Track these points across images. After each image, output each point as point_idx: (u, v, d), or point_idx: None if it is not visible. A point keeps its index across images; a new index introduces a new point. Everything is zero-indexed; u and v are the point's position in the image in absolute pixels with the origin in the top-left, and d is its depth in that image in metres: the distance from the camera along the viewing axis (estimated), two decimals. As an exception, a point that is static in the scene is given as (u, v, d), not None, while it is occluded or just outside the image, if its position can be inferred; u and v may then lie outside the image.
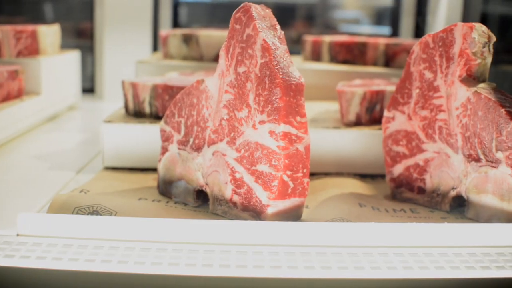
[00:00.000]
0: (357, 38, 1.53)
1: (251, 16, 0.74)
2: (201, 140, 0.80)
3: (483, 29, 0.80)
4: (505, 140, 0.75)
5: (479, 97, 0.78)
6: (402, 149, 0.89)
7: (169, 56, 1.50)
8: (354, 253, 0.65)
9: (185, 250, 0.64)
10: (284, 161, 0.70)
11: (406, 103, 0.88)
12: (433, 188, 0.86)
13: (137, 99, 1.05)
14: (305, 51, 1.56)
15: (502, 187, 0.77)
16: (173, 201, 0.85)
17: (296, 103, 0.71)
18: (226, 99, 0.76)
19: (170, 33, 1.49)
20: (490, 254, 0.65)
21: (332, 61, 1.49)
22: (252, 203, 0.74)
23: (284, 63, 0.72)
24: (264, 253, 0.64)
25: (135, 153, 1.00)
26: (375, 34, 2.19)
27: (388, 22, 2.18)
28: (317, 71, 1.40)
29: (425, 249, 0.66)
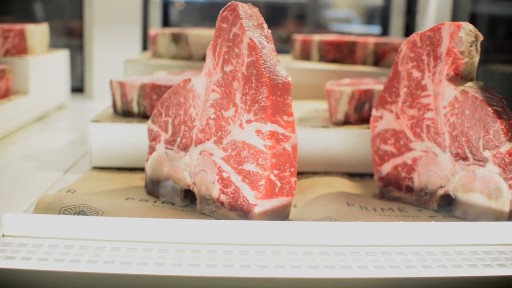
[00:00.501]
0: (346, 37, 1.53)
1: (237, 15, 0.73)
2: (188, 139, 0.80)
3: (470, 28, 0.80)
4: (492, 139, 0.75)
5: (467, 96, 0.78)
6: (390, 148, 0.89)
7: (158, 55, 1.49)
8: (341, 252, 0.64)
9: (172, 250, 0.63)
10: (271, 160, 0.70)
11: (394, 102, 0.88)
12: (421, 187, 0.86)
13: (125, 98, 1.04)
14: (294, 50, 1.56)
15: (489, 185, 0.77)
16: (161, 201, 0.84)
17: (283, 102, 0.71)
18: (213, 98, 0.76)
19: (159, 32, 1.49)
20: (477, 253, 0.65)
21: (322, 60, 1.49)
22: (240, 202, 0.74)
23: (271, 62, 0.72)
24: (251, 252, 0.63)
25: (123, 152, 1.00)
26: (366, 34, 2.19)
27: (378, 22, 2.18)
28: (306, 70, 1.40)
29: (413, 248, 0.66)
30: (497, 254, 0.65)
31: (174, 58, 1.48)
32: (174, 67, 1.41)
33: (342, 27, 2.31)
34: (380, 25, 2.14)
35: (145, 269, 0.59)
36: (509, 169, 0.74)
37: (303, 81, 1.38)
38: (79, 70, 1.94)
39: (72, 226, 0.66)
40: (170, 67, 1.41)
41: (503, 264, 0.62)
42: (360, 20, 2.36)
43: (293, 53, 1.57)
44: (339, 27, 2.30)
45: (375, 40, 1.48)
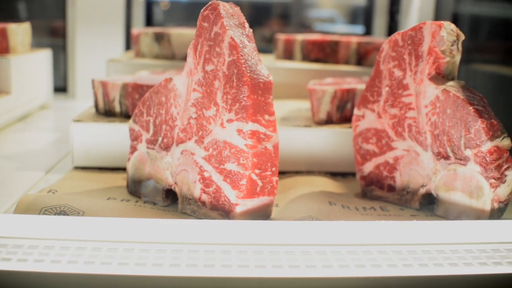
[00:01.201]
0: (329, 36, 1.53)
1: (218, 14, 0.73)
2: (169, 139, 0.80)
3: (452, 27, 0.81)
4: (473, 138, 0.75)
5: (448, 95, 0.78)
6: (372, 147, 0.89)
7: (141, 55, 1.49)
8: (322, 251, 0.64)
9: (153, 250, 0.63)
10: (252, 159, 0.70)
11: (376, 101, 0.88)
12: (403, 186, 0.86)
13: (107, 98, 1.04)
14: (277, 49, 1.56)
15: (470, 184, 0.77)
16: (142, 201, 0.84)
17: (264, 102, 0.71)
18: (194, 97, 0.76)
19: (141, 32, 1.48)
20: (459, 251, 0.65)
21: (305, 59, 1.49)
22: (221, 202, 0.73)
23: (252, 61, 0.72)
24: (232, 252, 0.63)
25: (105, 152, 0.99)
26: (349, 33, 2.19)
27: (362, 21, 2.19)
28: (289, 70, 1.40)
29: (394, 247, 0.66)
30: (478, 252, 0.65)
31: (156, 58, 1.47)
32: (157, 67, 1.40)
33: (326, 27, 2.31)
34: (363, 24, 2.15)
35: (125, 269, 0.58)
36: (490, 168, 0.74)
37: (286, 81, 1.38)
38: (62, 70, 1.93)
39: (52, 227, 0.66)
40: (153, 66, 1.41)
41: (485, 263, 0.63)
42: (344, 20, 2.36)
43: (276, 53, 1.57)
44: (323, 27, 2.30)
45: (358, 39, 1.48)
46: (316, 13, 2.37)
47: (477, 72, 1.56)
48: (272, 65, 1.42)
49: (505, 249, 0.66)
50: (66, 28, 1.88)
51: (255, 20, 2.24)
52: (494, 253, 0.65)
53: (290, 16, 2.33)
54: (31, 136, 1.28)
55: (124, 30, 1.87)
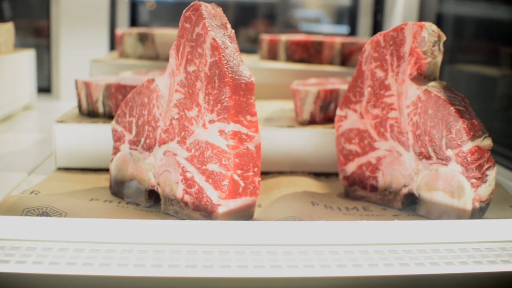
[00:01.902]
0: (313, 37, 1.53)
1: (200, 14, 0.73)
2: (152, 139, 0.80)
3: (433, 28, 0.81)
4: (454, 138, 0.76)
5: (429, 96, 0.78)
6: (355, 148, 0.90)
7: (125, 55, 1.48)
8: (304, 251, 0.64)
9: (135, 251, 0.63)
10: (234, 160, 0.70)
11: (358, 102, 0.88)
12: (385, 186, 0.87)
13: (91, 98, 1.04)
14: (261, 50, 1.56)
15: (452, 184, 0.77)
16: (125, 202, 0.84)
17: (246, 102, 0.71)
18: (176, 98, 0.76)
19: (125, 32, 1.48)
20: (440, 251, 0.66)
21: (289, 60, 1.49)
22: (203, 202, 0.73)
23: (234, 62, 0.72)
24: (214, 252, 0.63)
25: (88, 153, 0.99)
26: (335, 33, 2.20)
27: (347, 21, 2.19)
28: (273, 70, 1.40)
29: (375, 247, 0.66)
30: (460, 252, 0.66)
31: (140, 58, 1.47)
32: (141, 67, 1.40)
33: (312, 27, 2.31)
34: (348, 25, 2.15)
35: (107, 270, 0.58)
36: (471, 168, 0.75)
37: (270, 81, 1.38)
38: (46, 70, 1.92)
39: (34, 228, 0.66)
40: (137, 67, 1.40)
41: (465, 262, 0.63)
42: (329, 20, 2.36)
43: (260, 53, 1.57)
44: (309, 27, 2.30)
45: (342, 40, 1.49)
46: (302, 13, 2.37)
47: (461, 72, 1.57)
48: (256, 65, 1.42)
49: (486, 248, 0.67)
50: (50, 28, 1.87)
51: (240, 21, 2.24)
52: (475, 252, 0.66)
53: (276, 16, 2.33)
54: (14, 137, 1.27)
55: (108, 30, 1.86)
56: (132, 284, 0.59)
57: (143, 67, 1.40)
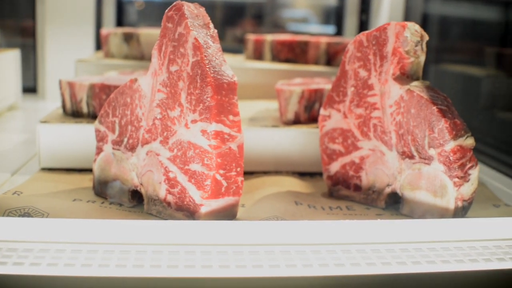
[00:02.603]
0: (298, 37, 1.53)
1: (183, 14, 0.73)
2: (135, 139, 0.80)
3: (416, 28, 0.81)
4: (437, 137, 0.76)
5: (412, 95, 0.79)
6: (338, 147, 0.90)
7: (110, 55, 1.48)
8: (287, 251, 0.64)
9: (117, 251, 0.63)
10: (216, 160, 0.70)
11: (342, 101, 0.88)
12: (369, 185, 0.87)
13: (75, 98, 1.03)
14: (247, 50, 1.56)
15: (435, 183, 0.78)
16: (108, 202, 0.84)
17: (228, 102, 0.71)
18: (159, 98, 0.76)
19: (110, 32, 1.47)
20: (422, 250, 0.66)
21: (274, 60, 1.49)
22: (186, 202, 0.73)
23: (217, 62, 0.72)
24: (196, 252, 0.63)
25: (72, 153, 0.99)
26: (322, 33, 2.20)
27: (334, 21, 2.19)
28: (258, 70, 1.40)
29: (358, 246, 0.66)
30: (442, 251, 0.66)
31: (126, 58, 1.47)
32: (126, 67, 1.40)
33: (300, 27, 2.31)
34: (335, 25, 2.15)
35: (89, 271, 0.58)
36: (454, 167, 0.75)
37: (255, 81, 1.38)
38: (32, 70, 1.91)
39: (15, 228, 0.65)
40: (122, 67, 1.40)
41: (447, 261, 0.63)
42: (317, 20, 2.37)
43: (246, 53, 1.57)
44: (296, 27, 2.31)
45: (328, 39, 1.49)
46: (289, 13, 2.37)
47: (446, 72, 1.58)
48: (241, 65, 1.42)
49: (468, 247, 0.67)
50: (35, 28, 1.86)
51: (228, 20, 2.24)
52: (457, 251, 0.66)
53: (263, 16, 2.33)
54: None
55: (94, 30, 1.86)
56: (113, 285, 0.58)
57: (128, 67, 1.40)
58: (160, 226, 0.66)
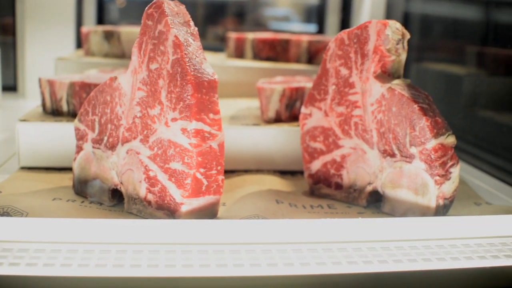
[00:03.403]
0: (280, 35, 1.53)
1: (163, 12, 0.73)
2: (115, 138, 0.79)
3: (397, 26, 0.81)
4: (418, 136, 0.76)
5: (393, 93, 0.79)
6: (320, 145, 0.90)
7: (91, 53, 1.47)
8: (268, 250, 0.64)
9: (97, 251, 0.62)
10: (197, 158, 0.70)
11: (323, 100, 0.88)
12: (350, 184, 0.87)
13: (54, 97, 1.02)
14: (229, 48, 1.55)
15: (416, 181, 0.78)
16: (88, 201, 0.83)
17: (209, 100, 0.70)
18: (139, 96, 0.75)
19: (91, 30, 1.46)
20: (403, 248, 0.66)
21: (255, 58, 1.49)
22: (166, 201, 0.73)
23: (197, 60, 0.71)
24: (177, 252, 0.63)
25: (52, 152, 0.98)
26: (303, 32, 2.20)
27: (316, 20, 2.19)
28: (240, 68, 1.39)
29: (339, 245, 0.66)
30: (423, 249, 0.66)
31: (106, 56, 1.46)
32: (107, 65, 1.39)
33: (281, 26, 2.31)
34: (317, 23, 2.16)
35: (69, 270, 0.58)
36: (435, 165, 0.75)
37: (236, 79, 1.37)
38: (12, 68, 1.89)
39: (-7, 228, 0.65)
40: (103, 65, 1.39)
41: (429, 259, 0.63)
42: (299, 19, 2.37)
43: (227, 51, 1.57)
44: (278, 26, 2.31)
45: (309, 38, 1.49)
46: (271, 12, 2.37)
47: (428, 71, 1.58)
48: (223, 63, 1.42)
49: (449, 245, 0.67)
50: (15, 25, 1.84)
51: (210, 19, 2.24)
52: (438, 249, 0.66)
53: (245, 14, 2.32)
54: (-23, 136, 1.26)
55: (75, 28, 1.84)
56: (93, 285, 0.58)
57: (109, 65, 1.39)
58: (140, 225, 0.66)
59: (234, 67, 1.40)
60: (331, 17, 2.04)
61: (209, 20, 2.23)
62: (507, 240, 0.70)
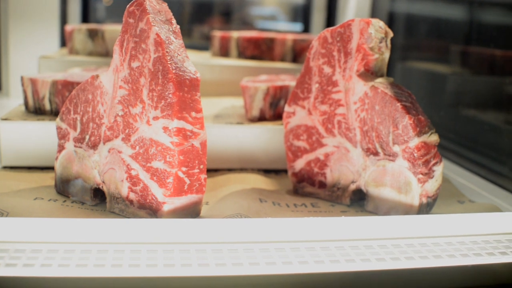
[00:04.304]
0: (264, 34, 1.53)
1: (144, 9, 0.72)
2: (97, 137, 0.79)
3: (380, 24, 0.81)
4: (401, 134, 0.76)
5: (376, 92, 0.78)
6: (303, 144, 0.89)
7: (75, 52, 1.46)
8: (250, 249, 0.64)
9: (78, 251, 0.62)
10: (179, 157, 0.69)
11: (306, 98, 0.88)
12: (334, 182, 0.87)
13: (37, 95, 1.02)
14: (213, 46, 1.55)
15: (399, 180, 0.78)
16: (70, 200, 0.83)
17: (191, 99, 0.70)
18: (120, 94, 0.75)
19: (75, 28, 1.45)
20: (386, 246, 0.66)
21: (240, 56, 1.49)
22: (148, 200, 0.72)
23: (179, 58, 0.71)
24: (158, 251, 0.62)
25: (34, 151, 0.97)
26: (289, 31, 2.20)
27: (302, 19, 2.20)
28: (224, 67, 1.39)
29: (322, 243, 0.66)
30: (406, 247, 0.66)
31: (90, 55, 1.45)
32: (90, 64, 1.38)
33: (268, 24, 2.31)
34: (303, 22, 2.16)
35: (49, 271, 0.57)
36: (418, 164, 0.75)
37: (221, 78, 1.37)
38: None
39: (-27, 228, 0.64)
40: (86, 63, 1.38)
41: (411, 257, 0.63)
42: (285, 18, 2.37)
43: (212, 50, 1.56)
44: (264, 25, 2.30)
45: (294, 36, 1.49)
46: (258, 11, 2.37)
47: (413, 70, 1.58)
48: (207, 62, 1.41)
49: (432, 243, 0.67)
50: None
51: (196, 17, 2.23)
52: (421, 247, 0.66)
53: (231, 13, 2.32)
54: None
55: (59, 26, 1.83)
56: (74, 285, 0.58)
57: (93, 64, 1.38)
58: (122, 225, 0.65)
59: (218, 65, 1.39)
60: (317, 16, 2.04)
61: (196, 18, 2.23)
62: (490, 238, 0.70)
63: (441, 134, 0.78)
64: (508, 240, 0.69)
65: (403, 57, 1.61)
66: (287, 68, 1.40)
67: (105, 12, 2.15)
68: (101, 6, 2.13)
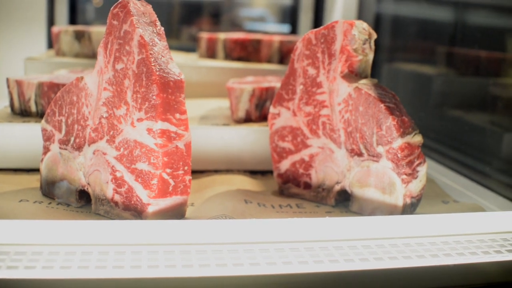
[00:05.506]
0: (251, 35, 1.53)
1: (128, 11, 0.72)
2: (81, 139, 0.79)
3: (364, 26, 0.82)
4: (385, 135, 0.76)
5: (360, 93, 0.79)
6: (288, 145, 0.90)
7: (61, 53, 1.46)
8: (234, 250, 0.64)
9: (62, 253, 0.62)
10: (163, 159, 0.69)
11: (291, 99, 0.88)
12: (319, 183, 0.87)
13: (23, 97, 1.02)
14: (200, 48, 1.55)
15: (383, 180, 0.78)
16: (56, 202, 0.82)
17: (175, 100, 0.70)
18: (105, 96, 0.75)
19: (61, 30, 1.45)
20: (370, 247, 0.66)
21: (227, 58, 1.49)
22: (133, 202, 0.73)
23: (163, 60, 0.71)
24: (143, 252, 0.62)
25: (20, 153, 0.97)
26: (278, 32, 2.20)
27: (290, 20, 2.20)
28: (211, 68, 1.39)
29: (307, 244, 0.66)
30: (390, 247, 0.66)
31: (77, 56, 1.45)
32: (77, 65, 1.38)
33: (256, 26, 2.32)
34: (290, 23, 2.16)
35: (33, 273, 0.57)
36: (402, 164, 0.76)
37: (208, 79, 1.37)
38: (-17, 69, 1.87)
39: (-43, 231, 0.64)
40: (73, 65, 1.38)
41: (395, 257, 0.63)
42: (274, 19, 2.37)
43: (199, 51, 1.56)
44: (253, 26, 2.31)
45: (280, 38, 1.49)
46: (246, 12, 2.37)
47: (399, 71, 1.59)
48: (194, 63, 1.41)
49: (416, 244, 0.68)
50: (-15, 25, 1.83)
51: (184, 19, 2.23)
52: (405, 247, 0.66)
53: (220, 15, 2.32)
54: None
55: (46, 27, 1.83)
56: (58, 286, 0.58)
57: (80, 66, 1.38)
58: (107, 226, 0.65)
59: (205, 67, 1.39)
60: (304, 18, 2.04)
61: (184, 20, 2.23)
62: (474, 238, 0.70)
63: (426, 135, 0.79)
64: (491, 240, 0.70)
65: (389, 58, 1.62)
66: (274, 70, 1.40)
67: (94, 14, 2.15)
68: (90, 7, 2.12)
